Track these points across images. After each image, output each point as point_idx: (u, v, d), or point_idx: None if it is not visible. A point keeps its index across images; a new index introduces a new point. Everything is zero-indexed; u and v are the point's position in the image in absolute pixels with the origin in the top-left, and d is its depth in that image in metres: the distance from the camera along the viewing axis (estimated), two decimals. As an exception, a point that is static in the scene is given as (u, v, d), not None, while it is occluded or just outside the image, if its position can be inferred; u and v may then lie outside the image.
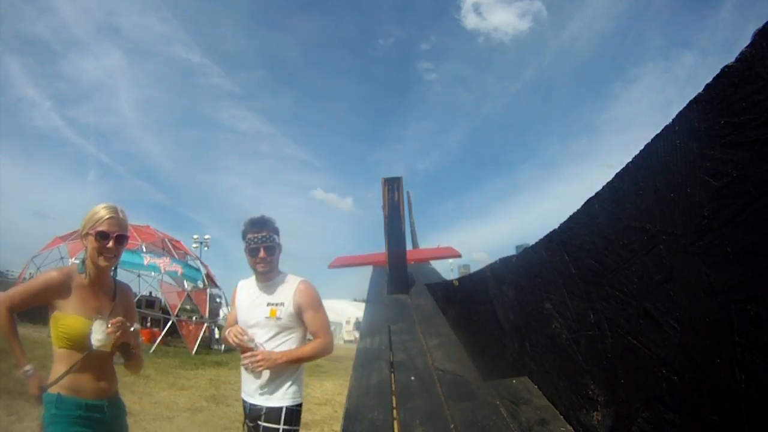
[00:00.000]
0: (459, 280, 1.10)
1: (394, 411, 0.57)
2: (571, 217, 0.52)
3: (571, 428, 0.53)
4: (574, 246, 0.51)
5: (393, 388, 0.63)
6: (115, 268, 1.82)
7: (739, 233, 0.28)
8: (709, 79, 0.35)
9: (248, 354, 1.70)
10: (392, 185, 1.51)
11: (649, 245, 0.38)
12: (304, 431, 4.54)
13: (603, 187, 0.45)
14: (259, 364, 1.63)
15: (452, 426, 0.52)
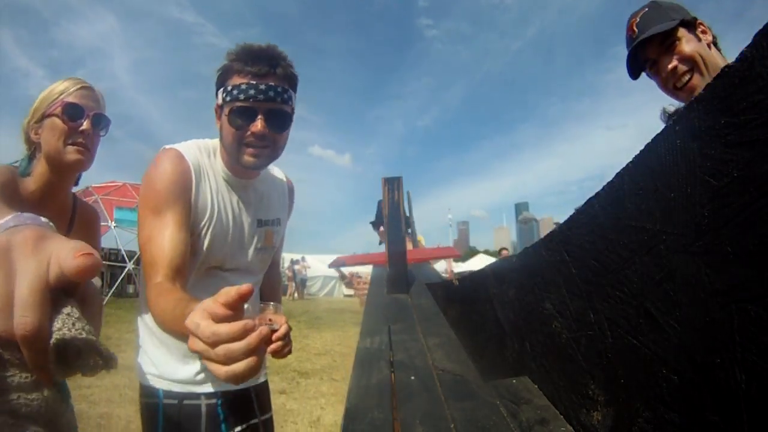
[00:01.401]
0: (459, 279, 1.10)
1: (394, 411, 0.57)
2: (571, 217, 0.52)
3: (571, 428, 0.53)
4: (574, 246, 0.51)
5: (393, 388, 0.63)
6: (76, 183, 1.17)
7: (740, 233, 0.28)
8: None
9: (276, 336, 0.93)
10: (392, 185, 1.51)
11: (650, 245, 0.38)
12: (304, 379, 4.59)
13: (603, 186, 0.45)
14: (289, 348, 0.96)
15: (452, 425, 0.52)
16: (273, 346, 0.98)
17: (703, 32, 1.22)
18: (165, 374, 1.12)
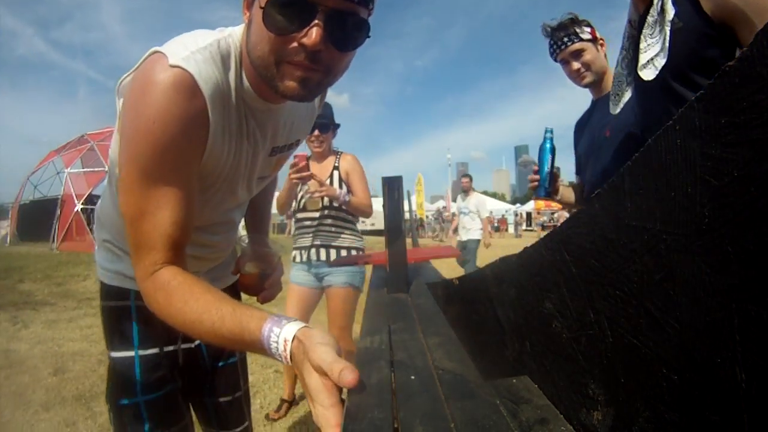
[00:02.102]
0: (459, 279, 1.10)
1: (394, 410, 0.57)
2: (571, 217, 0.52)
3: (572, 427, 0.53)
4: (574, 245, 0.51)
5: (393, 388, 0.63)
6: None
7: (740, 232, 0.28)
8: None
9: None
10: (392, 185, 1.50)
11: (650, 244, 0.38)
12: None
13: (603, 186, 0.45)
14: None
15: (452, 425, 0.52)
16: (264, 295, 0.98)
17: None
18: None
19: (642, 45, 1.18)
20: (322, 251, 2.40)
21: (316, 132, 2.34)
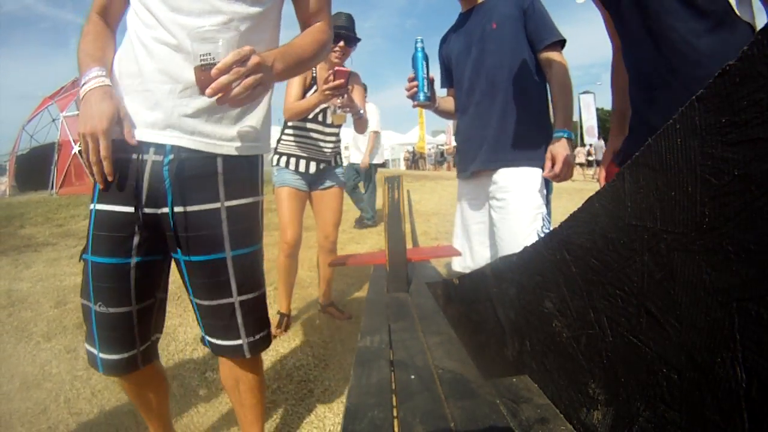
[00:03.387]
0: (459, 278, 1.10)
1: (394, 410, 0.57)
2: (571, 216, 0.52)
3: (572, 427, 0.53)
4: (574, 244, 0.51)
5: (393, 387, 0.63)
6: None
7: (741, 232, 0.28)
8: None
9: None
10: (392, 184, 1.51)
11: (650, 244, 0.38)
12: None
13: (604, 185, 0.45)
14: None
15: (452, 424, 0.52)
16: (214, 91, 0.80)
17: None
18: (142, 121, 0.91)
19: None
20: (322, 166, 2.39)
21: (342, 43, 2.29)
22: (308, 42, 1.02)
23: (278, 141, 2.46)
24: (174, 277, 1.08)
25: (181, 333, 2.40)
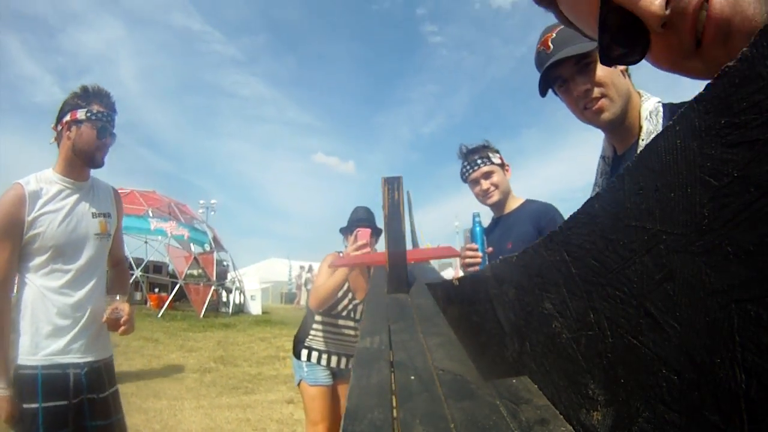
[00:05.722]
0: (459, 279, 1.10)
1: (394, 410, 0.57)
2: (571, 217, 0.52)
3: (571, 428, 0.53)
4: (574, 245, 0.51)
5: (393, 388, 0.63)
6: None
7: (740, 233, 0.28)
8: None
9: None
10: (392, 185, 1.51)
11: (650, 245, 0.38)
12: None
13: (603, 187, 0.45)
14: None
15: (452, 425, 0.52)
16: (121, 329, 1.51)
17: None
18: (40, 349, 1.45)
19: None
20: (345, 360, 2.46)
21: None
22: (127, 278, 1.89)
23: (306, 335, 2.49)
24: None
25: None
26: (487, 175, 2.05)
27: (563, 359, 0.55)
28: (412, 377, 0.66)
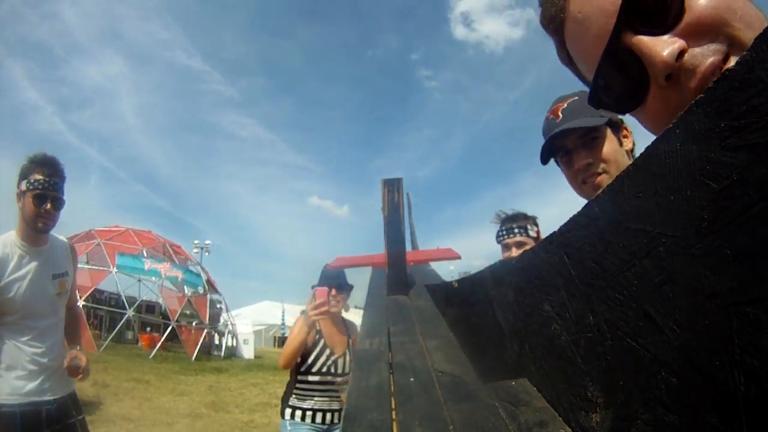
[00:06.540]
0: (458, 281, 1.10)
1: (393, 412, 0.57)
2: (570, 219, 0.52)
3: (570, 430, 0.53)
4: (573, 248, 0.51)
5: (392, 390, 0.63)
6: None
7: (739, 236, 0.29)
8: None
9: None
10: (392, 186, 1.51)
11: (649, 247, 0.38)
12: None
13: (603, 189, 0.45)
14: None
15: (451, 427, 0.52)
16: (80, 377, 1.73)
17: (625, 137, 1.23)
18: (17, 389, 1.67)
19: None
20: (336, 415, 2.46)
21: (333, 291, 2.48)
22: (79, 321, 2.04)
23: (289, 393, 2.50)
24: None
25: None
26: (520, 245, 2.09)
27: (562, 361, 0.55)
28: (412, 379, 0.66)
